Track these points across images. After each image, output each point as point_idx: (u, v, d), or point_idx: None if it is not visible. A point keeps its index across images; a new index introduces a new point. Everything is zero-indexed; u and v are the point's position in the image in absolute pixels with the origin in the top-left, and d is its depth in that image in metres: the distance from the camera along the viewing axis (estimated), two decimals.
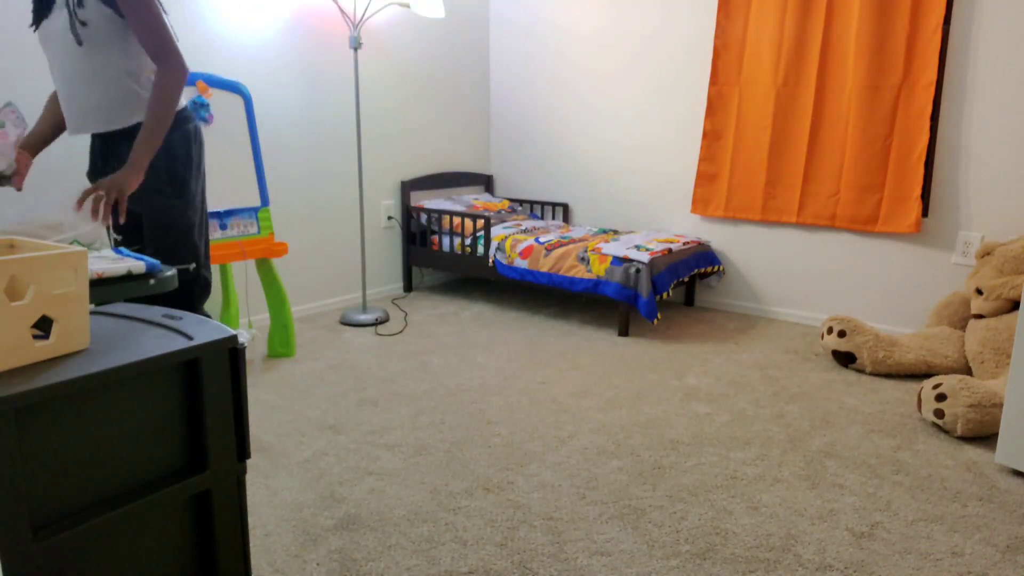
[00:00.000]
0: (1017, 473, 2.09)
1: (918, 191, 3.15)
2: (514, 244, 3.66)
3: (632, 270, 3.27)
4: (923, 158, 3.13)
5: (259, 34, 3.27)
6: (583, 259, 3.43)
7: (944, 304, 3.02)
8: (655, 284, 3.28)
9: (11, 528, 0.88)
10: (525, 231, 3.84)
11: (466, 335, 3.37)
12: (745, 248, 3.78)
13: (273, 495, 1.94)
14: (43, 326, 1.03)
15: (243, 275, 3.36)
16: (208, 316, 1.90)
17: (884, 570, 1.63)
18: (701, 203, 3.80)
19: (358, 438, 2.28)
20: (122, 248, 1.64)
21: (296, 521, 1.81)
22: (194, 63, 3.04)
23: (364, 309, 3.63)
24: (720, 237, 3.85)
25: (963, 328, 2.94)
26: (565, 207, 4.41)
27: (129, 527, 1.05)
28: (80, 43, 1.84)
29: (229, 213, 2.80)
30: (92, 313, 1.22)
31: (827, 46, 3.31)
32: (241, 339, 1.14)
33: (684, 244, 3.61)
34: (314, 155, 3.62)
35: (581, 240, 3.64)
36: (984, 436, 2.30)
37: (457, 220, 3.91)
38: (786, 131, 3.48)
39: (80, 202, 1.66)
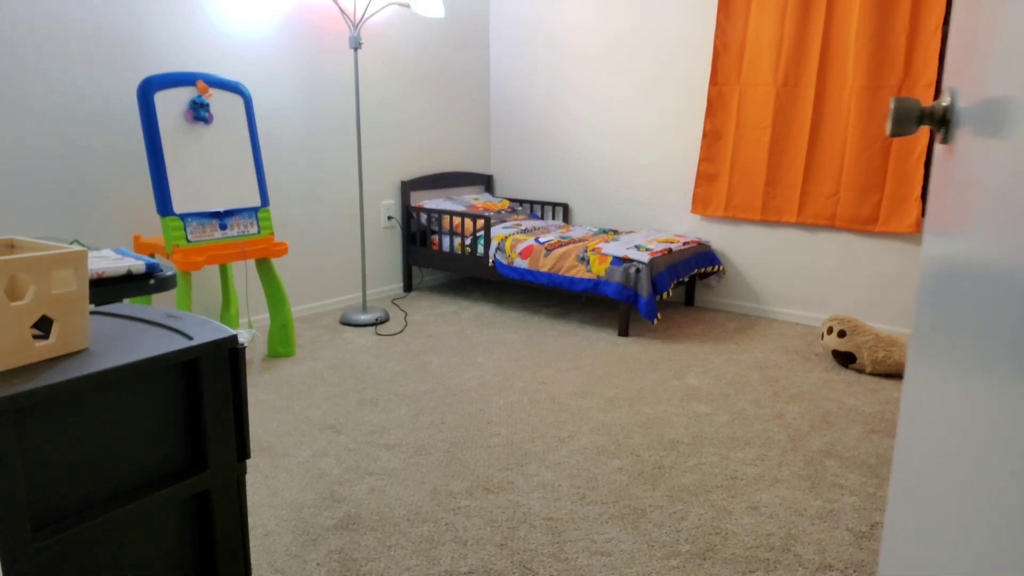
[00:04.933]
0: None
1: (918, 191, 3.15)
2: (514, 244, 3.66)
3: (632, 270, 3.27)
4: (923, 158, 3.12)
5: (259, 34, 3.27)
6: (583, 259, 3.43)
7: None
8: (655, 284, 3.28)
9: (11, 528, 0.88)
10: (525, 231, 3.84)
11: (466, 335, 3.37)
12: (745, 248, 3.78)
13: (273, 495, 1.94)
14: (43, 326, 1.03)
15: (243, 275, 3.36)
16: None
17: None
18: (701, 203, 3.80)
19: (358, 438, 2.28)
20: (123, 248, 1.64)
21: (296, 521, 1.81)
22: (194, 63, 3.04)
23: (364, 309, 3.63)
24: (720, 237, 3.85)
25: None
26: (565, 207, 4.41)
27: (129, 527, 1.05)
28: None
29: (229, 213, 2.80)
30: (92, 313, 1.22)
31: (827, 46, 3.31)
32: (241, 339, 1.14)
33: (684, 244, 3.61)
34: (314, 155, 3.62)
35: (581, 240, 3.64)
36: None
37: (457, 220, 3.91)
38: (786, 131, 3.48)
39: None
